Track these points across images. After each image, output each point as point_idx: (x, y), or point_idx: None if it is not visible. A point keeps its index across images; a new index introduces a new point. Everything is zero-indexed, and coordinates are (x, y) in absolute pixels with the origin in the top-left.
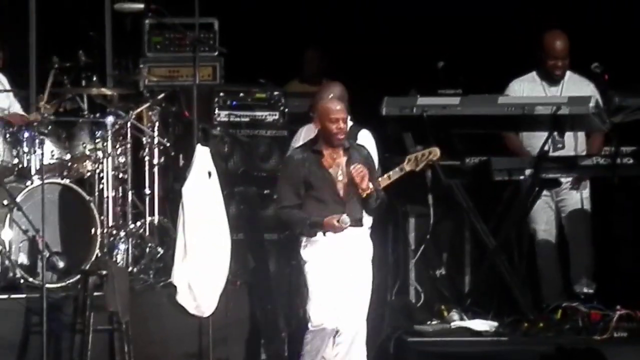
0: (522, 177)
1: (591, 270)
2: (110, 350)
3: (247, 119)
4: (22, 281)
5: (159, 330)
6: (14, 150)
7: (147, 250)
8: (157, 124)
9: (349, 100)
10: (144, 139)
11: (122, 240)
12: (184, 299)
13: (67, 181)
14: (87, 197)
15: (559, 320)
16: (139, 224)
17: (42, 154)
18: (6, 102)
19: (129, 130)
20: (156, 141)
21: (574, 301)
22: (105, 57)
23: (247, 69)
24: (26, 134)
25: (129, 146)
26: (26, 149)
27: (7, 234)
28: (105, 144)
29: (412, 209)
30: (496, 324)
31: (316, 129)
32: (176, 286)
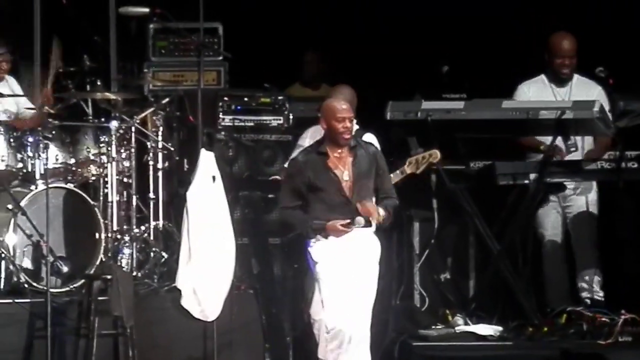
0: (527, 182)
1: (598, 277)
2: (114, 354)
3: (252, 124)
4: (27, 286)
5: (164, 334)
6: (18, 154)
7: (152, 254)
8: (161, 128)
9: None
10: (148, 144)
11: (127, 244)
12: (188, 303)
13: (72, 186)
14: (92, 202)
15: (564, 324)
16: (143, 228)
17: (47, 159)
18: (14, 106)
19: (133, 134)
20: (160, 146)
21: (579, 305)
22: (109, 62)
23: (250, 73)
24: (30, 139)
25: (133, 151)
26: (30, 154)
27: (11, 238)
28: (109, 149)
29: (417, 213)
30: (501, 328)
31: (323, 131)
32: (181, 290)
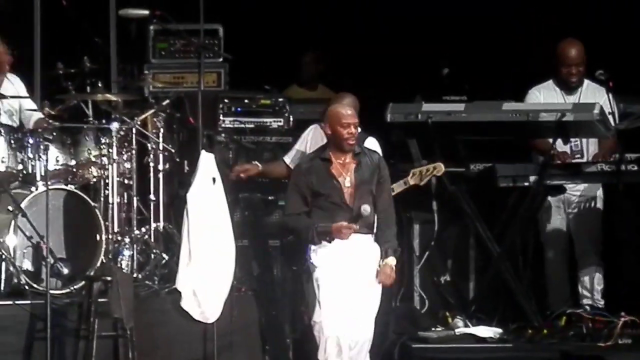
0: (527, 184)
1: (600, 285)
2: (114, 356)
3: (252, 126)
4: (27, 287)
5: (164, 336)
6: (19, 156)
7: (152, 256)
8: (161, 130)
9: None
10: (148, 145)
11: (127, 246)
12: (188, 305)
13: (72, 187)
14: (92, 203)
15: (564, 327)
16: (143, 230)
17: (47, 160)
18: (16, 104)
19: (133, 136)
20: (161, 147)
21: (579, 308)
22: (110, 64)
23: (250, 74)
24: (31, 140)
25: (133, 152)
26: (31, 155)
27: (11, 240)
28: (110, 150)
29: (417, 215)
30: (501, 330)
31: (324, 136)
32: (181, 292)
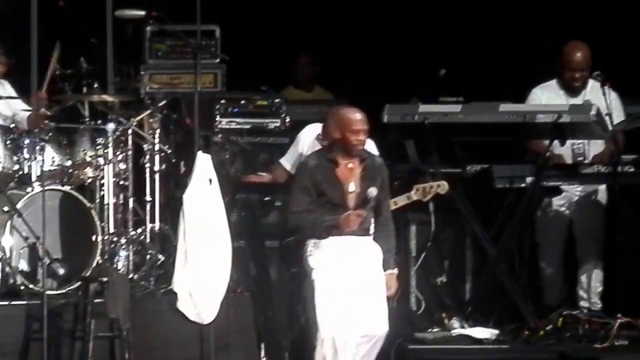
0: (523, 185)
1: (598, 287)
2: (110, 357)
3: (249, 126)
4: (23, 288)
5: (160, 337)
6: (15, 156)
7: (148, 257)
8: (158, 131)
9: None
10: (145, 146)
11: (123, 247)
12: (184, 306)
13: (68, 188)
14: (88, 204)
15: (560, 328)
16: (139, 231)
17: (43, 161)
18: (9, 111)
19: (130, 137)
20: (157, 148)
21: (575, 309)
22: (106, 64)
23: (248, 75)
24: (27, 141)
25: (130, 153)
26: (27, 156)
27: (7, 240)
28: (106, 151)
29: (413, 216)
30: (497, 331)
31: (321, 137)
32: (177, 293)
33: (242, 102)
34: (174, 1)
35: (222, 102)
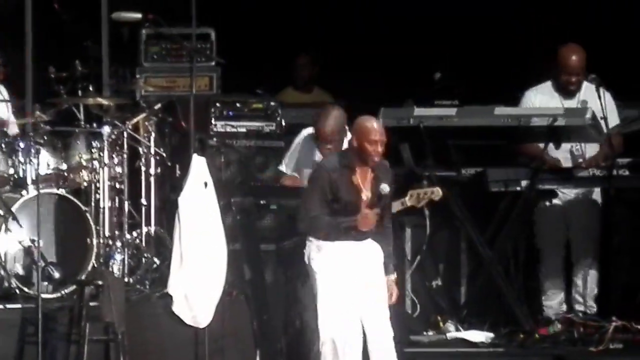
0: (518, 188)
1: (594, 290)
2: None
3: (244, 130)
4: (18, 291)
5: (155, 340)
6: (10, 160)
7: (143, 260)
8: (153, 134)
9: (347, 117)
10: (140, 149)
11: (118, 250)
12: (180, 309)
13: (63, 191)
14: (83, 208)
15: (555, 331)
16: (135, 234)
17: (38, 164)
18: (5, 114)
19: (125, 140)
20: (152, 151)
21: (571, 312)
22: (102, 67)
23: (248, 76)
24: (22, 144)
25: (125, 156)
26: (22, 159)
27: (2, 244)
28: (101, 154)
29: (409, 219)
30: (492, 335)
31: (315, 140)
32: (172, 296)
33: (238, 105)
34: (170, 4)
35: (218, 105)
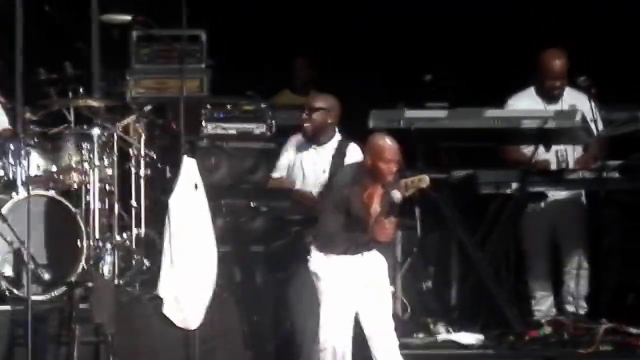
0: (509, 191)
1: (585, 290)
2: None
3: (235, 132)
4: (7, 293)
5: (146, 342)
6: (0, 162)
7: (134, 262)
8: (143, 135)
9: (340, 109)
10: (130, 151)
11: (108, 252)
12: (170, 311)
13: (53, 193)
14: (73, 209)
15: (545, 333)
16: (125, 236)
17: (28, 166)
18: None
19: (115, 142)
20: (143, 153)
21: (561, 314)
22: (92, 69)
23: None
24: (12, 146)
25: (115, 158)
26: (12, 161)
27: None
28: (91, 156)
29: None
30: (483, 337)
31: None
32: (162, 298)
33: (228, 107)
34: (162, 6)
35: (208, 107)
